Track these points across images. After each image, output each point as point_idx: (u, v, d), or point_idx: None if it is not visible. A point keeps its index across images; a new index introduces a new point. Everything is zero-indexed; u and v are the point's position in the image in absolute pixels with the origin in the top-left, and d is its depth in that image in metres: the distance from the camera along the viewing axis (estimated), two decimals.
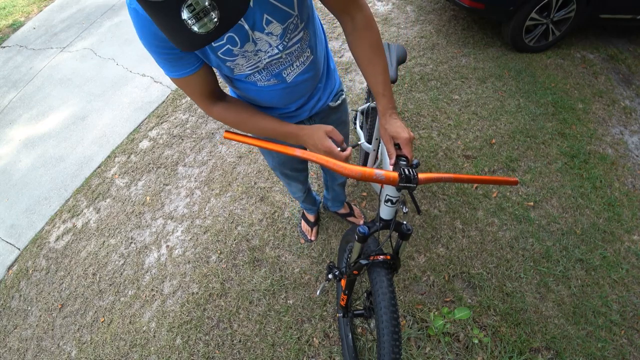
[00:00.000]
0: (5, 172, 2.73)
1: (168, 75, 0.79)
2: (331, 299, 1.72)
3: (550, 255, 1.78)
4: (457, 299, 1.66)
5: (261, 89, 0.90)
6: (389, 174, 0.78)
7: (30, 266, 2.17)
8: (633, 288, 1.68)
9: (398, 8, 3.29)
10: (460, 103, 2.46)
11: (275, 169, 1.41)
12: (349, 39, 0.87)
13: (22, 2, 4.90)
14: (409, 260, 1.79)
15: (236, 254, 1.94)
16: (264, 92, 0.91)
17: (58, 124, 2.97)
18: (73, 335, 1.85)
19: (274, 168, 1.40)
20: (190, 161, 2.43)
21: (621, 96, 2.50)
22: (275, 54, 0.80)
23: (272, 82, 0.88)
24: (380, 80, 0.85)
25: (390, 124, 0.85)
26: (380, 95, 0.85)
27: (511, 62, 2.71)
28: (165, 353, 1.68)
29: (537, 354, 1.51)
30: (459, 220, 1.91)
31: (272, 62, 0.82)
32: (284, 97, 0.95)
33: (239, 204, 2.13)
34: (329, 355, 1.57)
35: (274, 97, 0.94)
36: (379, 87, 0.85)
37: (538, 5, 2.41)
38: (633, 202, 1.96)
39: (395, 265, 1.02)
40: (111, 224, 2.22)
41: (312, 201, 1.80)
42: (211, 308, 1.77)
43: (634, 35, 2.93)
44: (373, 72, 0.85)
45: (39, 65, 3.64)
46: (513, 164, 2.12)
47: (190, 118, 2.71)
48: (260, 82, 0.88)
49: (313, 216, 1.90)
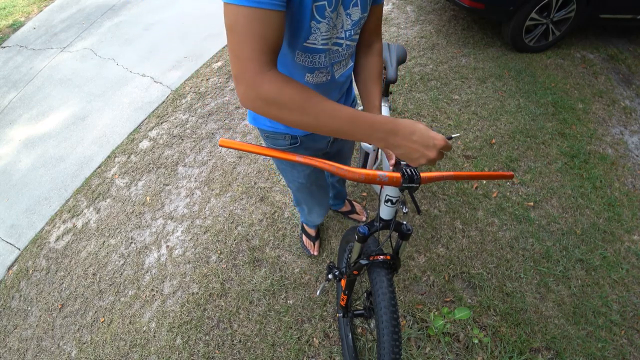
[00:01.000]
0: (5, 172, 2.73)
1: (235, 0, 0.58)
2: (331, 299, 1.72)
3: (550, 255, 1.78)
4: (457, 299, 1.66)
5: (307, 84, 0.87)
6: (392, 175, 0.78)
7: (30, 266, 2.17)
8: (633, 288, 1.68)
9: (398, 8, 3.29)
10: (460, 103, 2.46)
11: (301, 190, 1.29)
12: (360, 60, 0.96)
13: (22, 2, 4.90)
14: (409, 260, 1.79)
15: (236, 254, 1.94)
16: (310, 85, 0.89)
17: (58, 124, 2.97)
18: (73, 335, 1.85)
19: (300, 188, 1.27)
20: (190, 161, 2.43)
21: (621, 96, 2.50)
22: (341, 38, 0.81)
23: (322, 80, 0.88)
24: (378, 97, 0.95)
25: None
26: (376, 108, 0.94)
27: (511, 62, 2.71)
28: (165, 353, 1.68)
29: (537, 354, 1.51)
30: (459, 220, 1.91)
31: (335, 48, 0.82)
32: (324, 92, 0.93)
33: (239, 204, 2.13)
34: (329, 355, 1.57)
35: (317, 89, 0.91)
36: (376, 102, 0.94)
37: (538, 5, 2.41)
38: (633, 202, 1.96)
39: (395, 265, 1.02)
40: (111, 224, 2.22)
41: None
42: (211, 308, 1.77)
43: (634, 35, 2.93)
44: (374, 91, 0.94)
45: (39, 65, 3.64)
46: (513, 164, 2.12)
47: (190, 118, 2.71)
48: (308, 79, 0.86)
49: (314, 230, 1.84)
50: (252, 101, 0.63)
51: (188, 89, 2.96)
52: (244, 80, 0.61)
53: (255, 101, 0.63)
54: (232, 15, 0.59)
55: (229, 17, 0.60)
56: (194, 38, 3.49)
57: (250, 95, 0.62)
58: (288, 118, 0.64)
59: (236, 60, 0.61)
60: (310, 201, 1.40)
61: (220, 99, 2.81)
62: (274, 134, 1.03)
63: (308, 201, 1.41)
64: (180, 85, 3.01)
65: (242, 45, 0.60)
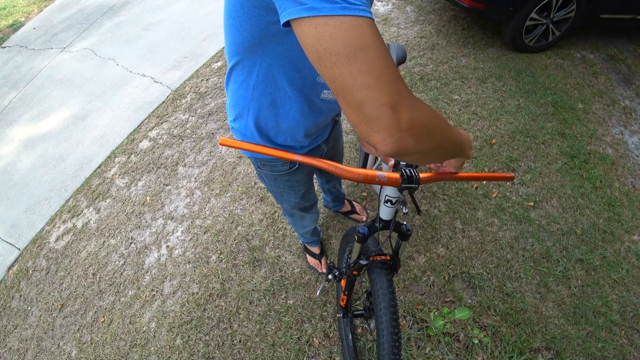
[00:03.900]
0: (5, 172, 2.73)
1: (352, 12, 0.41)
2: (331, 299, 1.72)
3: (550, 255, 1.78)
4: (457, 299, 1.66)
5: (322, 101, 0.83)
6: (391, 176, 0.78)
7: (30, 266, 2.17)
8: (633, 288, 1.68)
9: (398, 8, 3.29)
10: (460, 103, 2.46)
11: (294, 208, 1.30)
12: None
13: (22, 2, 4.91)
14: (409, 260, 1.79)
15: (236, 254, 1.94)
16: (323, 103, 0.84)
17: (58, 124, 2.97)
18: (73, 335, 1.85)
19: (294, 206, 1.28)
20: (190, 161, 2.43)
21: (621, 96, 2.49)
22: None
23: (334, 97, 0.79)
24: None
25: None
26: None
27: (511, 62, 2.71)
28: (165, 353, 1.68)
29: (537, 354, 1.51)
30: (459, 220, 1.91)
31: None
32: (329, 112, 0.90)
33: (239, 204, 2.13)
34: (329, 355, 1.57)
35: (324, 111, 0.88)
36: None
37: (538, 5, 2.41)
38: (633, 202, 1.96)
39: (395, 265, 1.02)
40: (111, 224, 2.22)
41: (316, 232, 1.70)
42: (211, 308, 1.77)
43: (634, 35, 2.93)
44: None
45: (39, 65, 3.64)
46: (513, 164, 2.12)
47: (190, 118, 2.71)
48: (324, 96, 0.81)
49: (317, 247, 1.81)
50: (415, 129, 0.46)
51: (188, 89, 2.96)
52: (406, 107, 0.44)
53: (413, 129, 0.45)
54: (356, 30, 0.42)
55: (352, 34, 0.42)
56: (194, 38, 3.49)
57: (415, 121, 0.45)
58: (431, 132, 0.49)
59: (381, 91, 0.42)
60: (301, 214, 1.40)
61: (220, 99, 2.80)
62: (271, 161, 0.99)
63: (298, 216, 1.41)
64: (180, 85, 3.01)
65: (384, 62, 0.43)
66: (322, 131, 1.02)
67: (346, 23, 0.41)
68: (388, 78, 0.43)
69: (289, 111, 0.82)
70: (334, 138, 1.14)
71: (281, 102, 0.80)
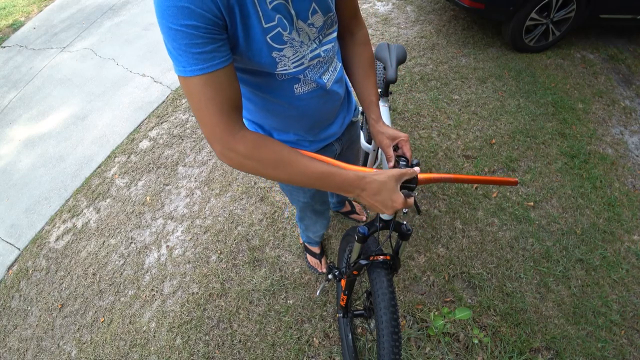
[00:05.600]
0: (5, 172, 2.73)
1: (183, 73, 0.60)
2: (331, 299, 1.72)
3: (550, 255, 1.78)
4: (457, 299, 1.66)
5: (299, 97, 0.82)
6: None
7: (30, 266, 2.17)
8: (633, 288, 1.68)
9: (398, 8, 3.29)
10: (460, 103, 2.46)
11: (305, 209, 1.33)
12: (346, 52, 0.92)
13: (22, 2, 4.90)
14: (409, 260, 1.79)
15: (236, 254, 1.94)
16: (303, 99, 0.83)
17: (58, 124, 2.97)
18: (73, 335, 1.85)
19: (304, 207, 1.30)
20: (190, 161, 2.43)
21: (621, 96, 2.50)
22: (314, 49, 0.75)
23: (312, 87, 0.81)
24: (374, 91, 0.91)
25: (386, 128, 0.89)
26: (374, 104, 0.91)
27: (511, 62, 2.71)
28: (165, 353, 1.68)
29: (537, 354, 1.51)
30: (459, 220, 1.91)
31: (314, 62, 0.77)
32: (320, 106, 0.88)
33: (239, 204, 2.13)
34: (329, 355, 1.57)
35: (312, 105, 0.85)
36: (372, 97, 0.91)
37: (538, 5, 2.41)
38: (633, 202, 1.96)
39: (395, 265, 1.02)
40: (111, 224, 2.22)
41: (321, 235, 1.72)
42: (211, 308, 1.77)
43: (634, 35, 2.93)
44: (367, 84, 0.91)
45: (39, 65, 3.64)
46: (513, 164, 2.12)
47: (190, 118, 2.71)
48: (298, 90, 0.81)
49: (318, 247, 1.81)
50: (230, 159, 0.67)
51: None
52: (219, 142, 0.65)
53: (233, 159, 0.67)
54: (185, 86, 0.62)
55: (183, 88, 0.63)
56: None
57: (228, 154, 0.66)
58: (263, 172, 0.69)
59: (203, 127, 0.65)
60: (313, 217, 1.44)
61: None
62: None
63: (312, 217, 1.44)
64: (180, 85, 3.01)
65: (204, 112, 0.63)
66: (329, 127, 0.99)
67: (179, 80, 0.63)
68: (205, 124, 0.64)
69: (277, 116, 0.88)
70: (349, 140, 1.12)
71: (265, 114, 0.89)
